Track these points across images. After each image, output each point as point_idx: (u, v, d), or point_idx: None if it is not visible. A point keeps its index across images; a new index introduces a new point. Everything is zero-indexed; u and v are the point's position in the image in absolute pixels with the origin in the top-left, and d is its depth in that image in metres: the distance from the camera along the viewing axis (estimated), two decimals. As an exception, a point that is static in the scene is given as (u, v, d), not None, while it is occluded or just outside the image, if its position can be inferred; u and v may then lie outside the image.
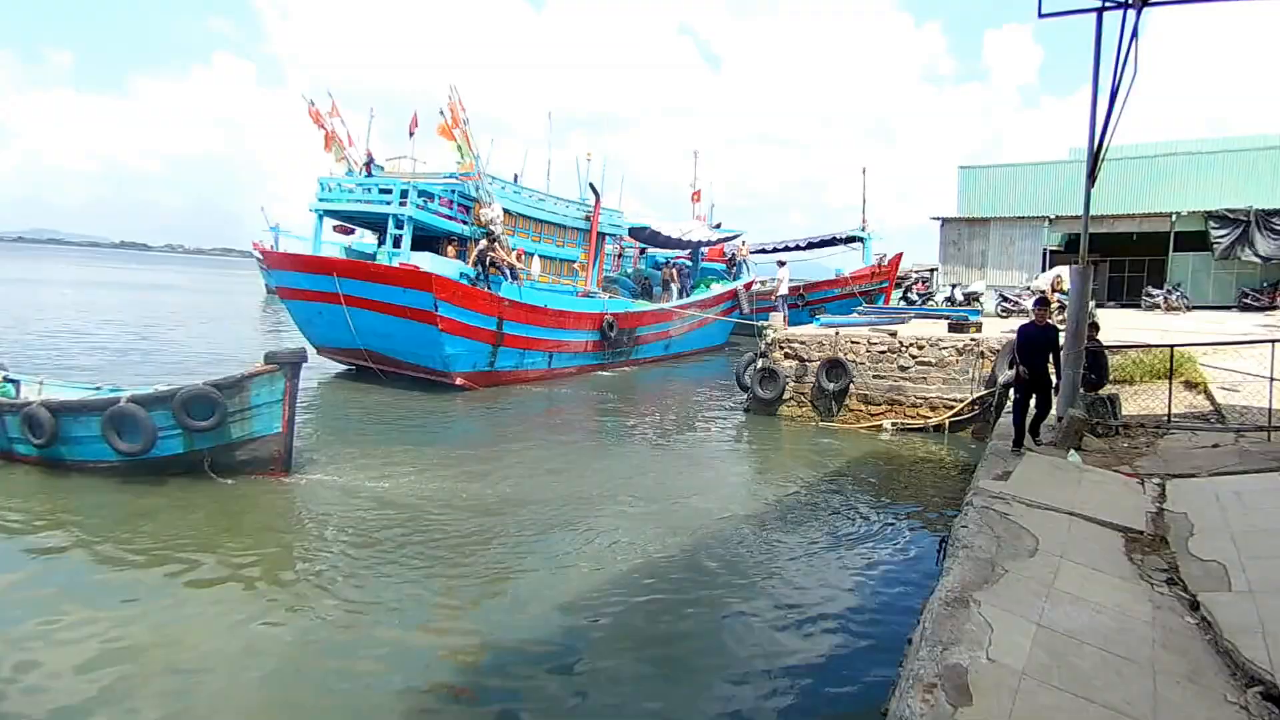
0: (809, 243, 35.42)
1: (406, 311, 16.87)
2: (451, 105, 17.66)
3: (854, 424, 14.90)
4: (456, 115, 17.76)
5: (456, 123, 17.82)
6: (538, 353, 20.00)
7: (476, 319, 17.68)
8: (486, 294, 17.93)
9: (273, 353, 10.02)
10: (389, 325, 17.34)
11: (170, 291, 53.98)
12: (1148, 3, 9.42)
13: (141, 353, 20.82)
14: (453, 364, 17.54)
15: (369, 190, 18.86)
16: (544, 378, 20.40)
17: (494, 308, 18.07)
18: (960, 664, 4.01)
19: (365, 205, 18.83)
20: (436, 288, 16.61)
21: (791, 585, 7.41)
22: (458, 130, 17.90)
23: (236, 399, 9.51)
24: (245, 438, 9.75)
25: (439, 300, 16.65)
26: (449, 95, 17.63)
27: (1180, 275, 27.51)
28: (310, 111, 19.71)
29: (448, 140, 18.06)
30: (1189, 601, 5.22)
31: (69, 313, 30.66)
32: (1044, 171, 31.35)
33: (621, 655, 6.01)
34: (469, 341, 17.68)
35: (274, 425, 9.82)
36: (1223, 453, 8.77)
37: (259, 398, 9.67)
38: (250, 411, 9.67)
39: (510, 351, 18.95)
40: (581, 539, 8.48)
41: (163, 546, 7.61)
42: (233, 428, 9.60)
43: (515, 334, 18.83)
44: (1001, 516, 6.51)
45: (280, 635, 6.08)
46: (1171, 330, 16.59)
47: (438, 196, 18.54)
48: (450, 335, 17.11)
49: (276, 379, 9.77)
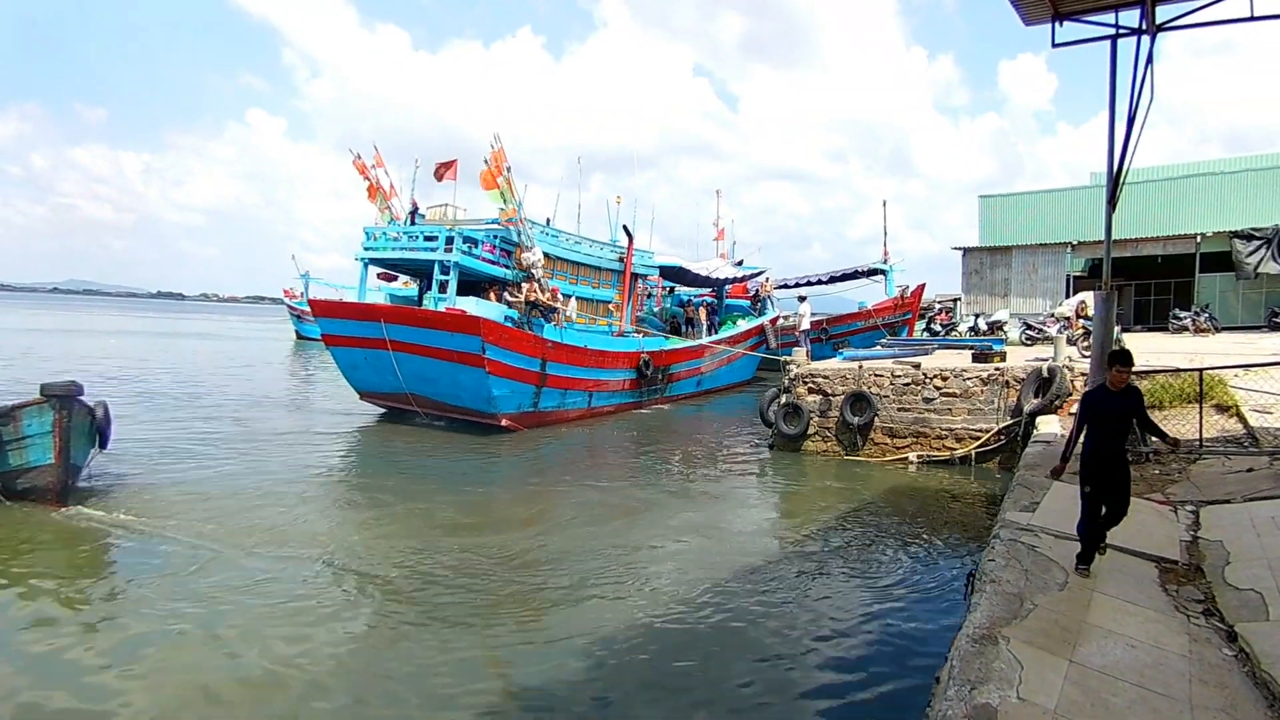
0: (831, 277, 35.53)
1: (454, 355, 17.13)
2: (494, 154, 17.97)
3: (879, 457, 14.77)
4: (500, 164, 18.08)
5: (500, 170, 18.12)
6: (579, 392, 20.23)
7: (522, 360, 17.91)
8: (531, 336, 18.19)
9: (47, 385, 10.21)
10: (436, 369, 17.61)
11: (204, 339, 54.80)
12: (1162, 28, 9.46)
13: (172, 398, 21.13)
14: (499, 405, 17.72)
15: (415, 238, 19.24)
16: (584, 417, 20.63)
17: (538, 349, 18.32)
18: (989, 704, 3.93)
19: (411, 253, 19.19)
20: (485, 331, 16.83)
21: (818, 623, 7.32)
22: (500, 178, 18.18)
23: (10, 428, 9.77)
24: (23, 467, 9.96)
25: (487, 344, 16.86)
26: (491, 144, 17.95)
27: (1208, 297, 27.18)
28: (355, 164, 20.43)
29: (490, 189, 18.33)
30: (1226, 633, 5.08)
31: (109, 361, 31.20)
32: (1065, 198, 31.25)
33: (647, 692, 5.99)
34: (514, 383, 17.89)
35: (46, 456, 10.01)
36: (1257, 477, 8.58)
37: (30, 428, 9.90)
38: (25, 441, 9.89)
39: (552, 392, 19.16)
40: (613, 580, 8.51)
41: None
42: (10, 456, 9.85)
43: (557, 374, 19.07)
44: (1029, 549, 6.40)
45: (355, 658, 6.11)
46: (1200, 353, 16.32)
47: (481, 242, 18.81)
48: (497, 377, 17.32)
49: (45, 411, 9.96)
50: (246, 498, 11.30)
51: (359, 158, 20.41)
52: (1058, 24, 10.09)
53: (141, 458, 13.46)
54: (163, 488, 11.59)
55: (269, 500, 11.24)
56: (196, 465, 13.23)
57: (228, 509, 10.61)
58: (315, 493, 12.28)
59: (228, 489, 11.74)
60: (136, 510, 10.24)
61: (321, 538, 9.66)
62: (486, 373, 17.07)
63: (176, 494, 11.29)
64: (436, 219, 20.51)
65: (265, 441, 15.84)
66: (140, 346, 43.26)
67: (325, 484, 13.02)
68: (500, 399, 17.62)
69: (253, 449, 14.93)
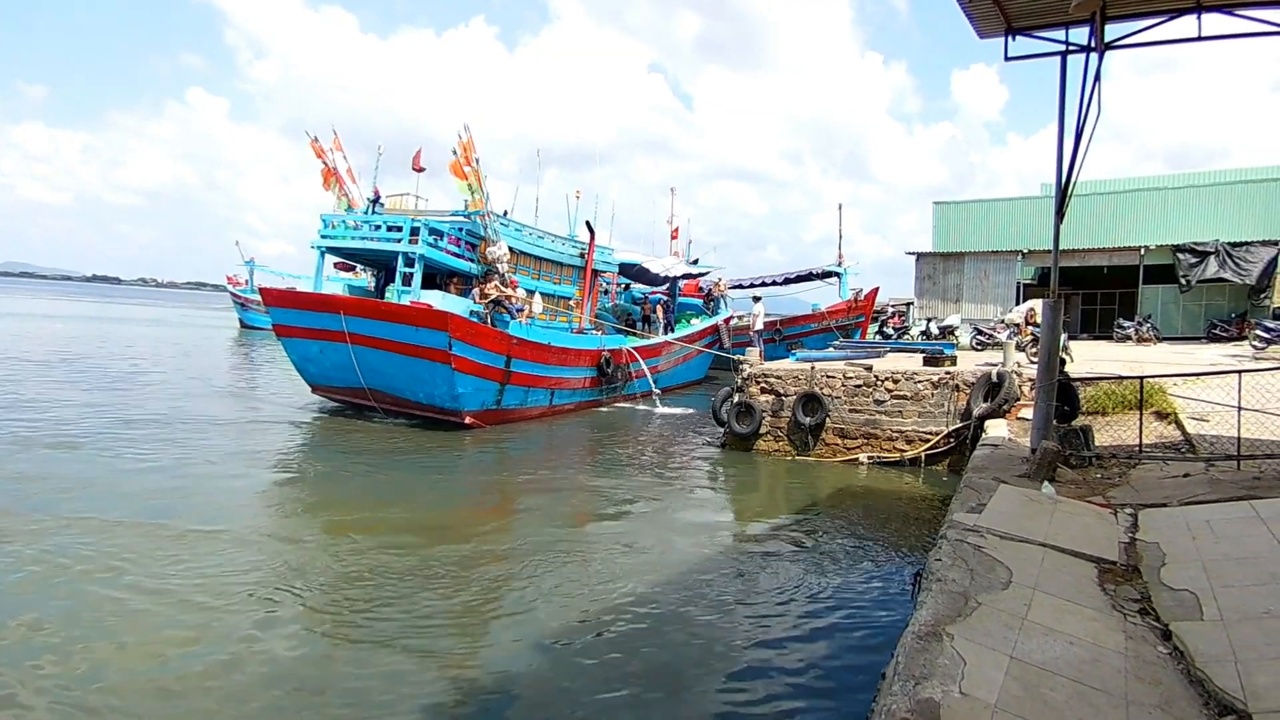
0: (786, 278, 35.79)
1: (419, 350, 16.73)
2: (463, 144, 17.67)
3: (830, 458, 14.91)
4: (469, 154, 17.80)
5: (469, 161, 17.83)
6: (541, 390, 19.98)
7: (487, 357, 17.60)
8: (497, 332, 17.89)
9: None
10: (398, 364, 17.17)
11: (146, 325, 53.33)
12: (1110, 46, 9.67)
13: (119, 384, 20.54)
14: (463, 403, 17.38)
15: (378, 228, 18.71)
16: (545, 415, 20.40)
17: (503, 346, 18.02)
18: (933, 698, 3.97)
19: (373, 243, 18.67)
20: (452, 327, 16.47)
21: (766, 620, 7.36)
22: (468, 168, 17.91)
23: None
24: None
25: (453, 339, 16.50)
26: (459, 134, 17.64)
27: (1150, 307, 28.01)
28: (313, 146, 19.76)
29: (459, 179, 18.03)
30: (1161, 631, 5.21)
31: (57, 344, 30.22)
32: (1016, 207, 31.96)
33: (595, 691, 5.92)
34: (479, 380, 17.59)
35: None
36: (1193, 482, 8.83)
37: None
38: None
39: (516, 390, 18.88)
40: (564, 581, 8.42)
41: None
42: None
43: (521, 372, 18.79)
44: (975, 549, 6.50)
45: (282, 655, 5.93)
46: (1142, 361, 16.79)
47: (446, 234, 18.42)
48: (462, 374, 16.98)
49: None
50: (179, 489, 11.01)
51: (316, 140, 19.80)
52: (1011, 38, 10.27)
53: (59, 445, 13.07)
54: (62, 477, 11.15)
55: (206, 492, 10.97)
56: (132, 453, 12.87)
57: (156, 497, 10.32)
58: (262, 485, 12.03)
59: (160, 479, 11.43)
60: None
61: (261, 533, 9.44)
62: (452, 369, 16.73)
63: (100, 480, 10.96)
64: (397, 209, 20.04)
65: (208, 430, 15.48)
66: (88, 332, 41.97)
67: (272, 477, 12.75)
68: (464, 396, 17.32)
69: (194, 438, 14.56)
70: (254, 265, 54.86)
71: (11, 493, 10.09)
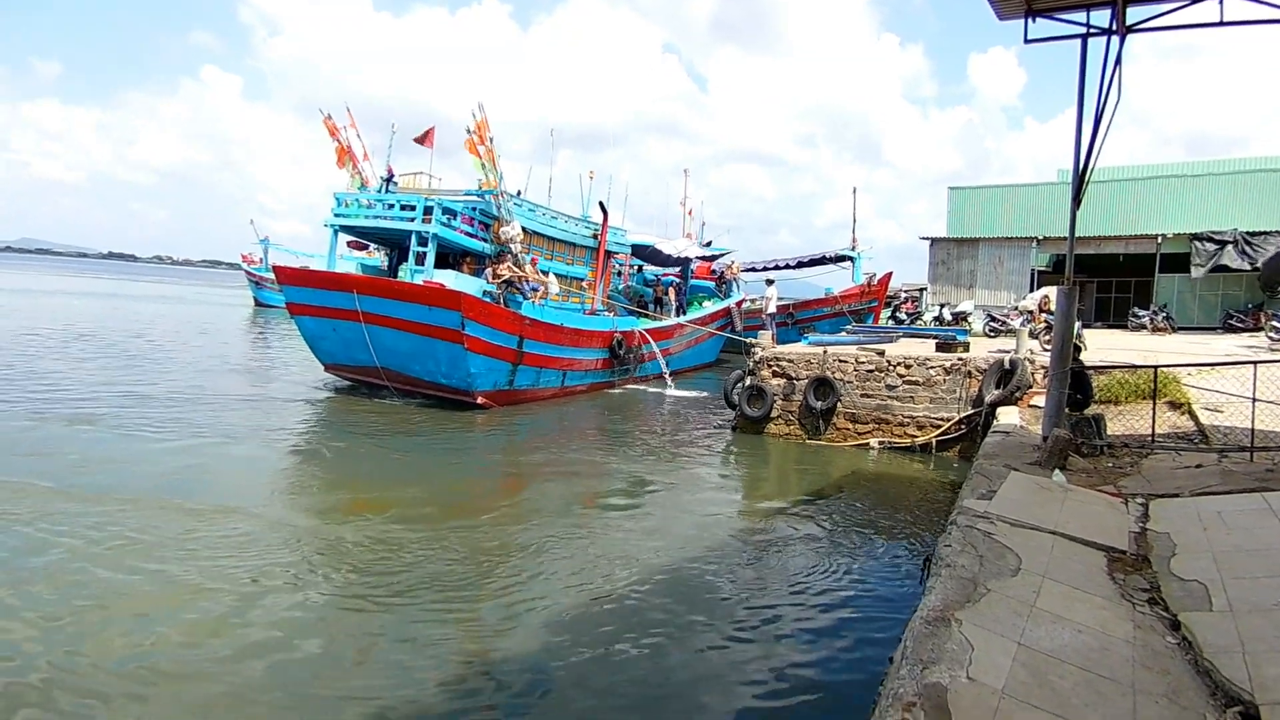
0: (799, 262, 35.66)
1: (432, 330, 16.77)
2: (478, 124, 17.64)
3: (841, 443, 14.93)
4: (483, 133, 17.78)
5: (483, 140, 17.81)
6: (553, 371, 20.03)
7: (500, 338, 17.64)
8: (510, 312, 17.91)
9: None
10: (411, 343, 17.23)
11: (163, 303, 53.68)
12: (1132, 29, 9.57)
13: (137, 361, 20.74)
14: (475, 383, 17.44)
15: (391, 206, 18.75)
16: (557, 396, 20.47)
17: (516, 326, 18.05)
18: (940, 683, 4.01)
19: (386, 222, 18.70)
20: (465, 306, 16.50)
21: (776, 604, 7.41)
22: (483, 147, 17.87)
23: None
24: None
25: (467, 319, 16.53)
26: (474, 114, 17.59)
27: (1166, 297, 27.78)
28: (326, 123, 19.75)
29: (473, 156, 18.01)
30: (1170, 621, 5.23)
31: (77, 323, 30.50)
32: (1032, 193, 31.68)
33: (600, 679, 5.97)
34: (492, 360, 17.64)
35: None
36: (1205, 473, 8.82)
37: None
38: None
39: (528, 370, 18.94)
40: (575, 563, 8.48)
41: None
42: None
43: (534, 352, 18.82)
44: (985, 536, 6.52)
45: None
46: (1157, 351, 16.70)
47: (460, 214, 18.44)
48: (475, 354, 17.03)
49: None
50: (196, 466, 11.16)
51: (329, 118, 19.77)
52: (1031, 20, 10.15)
53: (77, 421, 13.23)
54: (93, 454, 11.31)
55: (222, 469, 11.11)
56: (150, 430, 13.02)
57: (174, 474, 10.45)
58: (279, 463, 12.17)
59: (177, 455, 11.57)
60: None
61: (278, 511, 9.57)
62: (465, 349, 16.76)
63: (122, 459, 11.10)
64: (411, 187, 20.05)
65: (223, 407, 15.63)
66: (105, 309, 42.28)
67: (288, 456, 12.89)
68: (477, 376, 17.38)
69: (210, 415, 14.71)
70: (269, 244, 55.10)
71: (30, 468, 10.22)
